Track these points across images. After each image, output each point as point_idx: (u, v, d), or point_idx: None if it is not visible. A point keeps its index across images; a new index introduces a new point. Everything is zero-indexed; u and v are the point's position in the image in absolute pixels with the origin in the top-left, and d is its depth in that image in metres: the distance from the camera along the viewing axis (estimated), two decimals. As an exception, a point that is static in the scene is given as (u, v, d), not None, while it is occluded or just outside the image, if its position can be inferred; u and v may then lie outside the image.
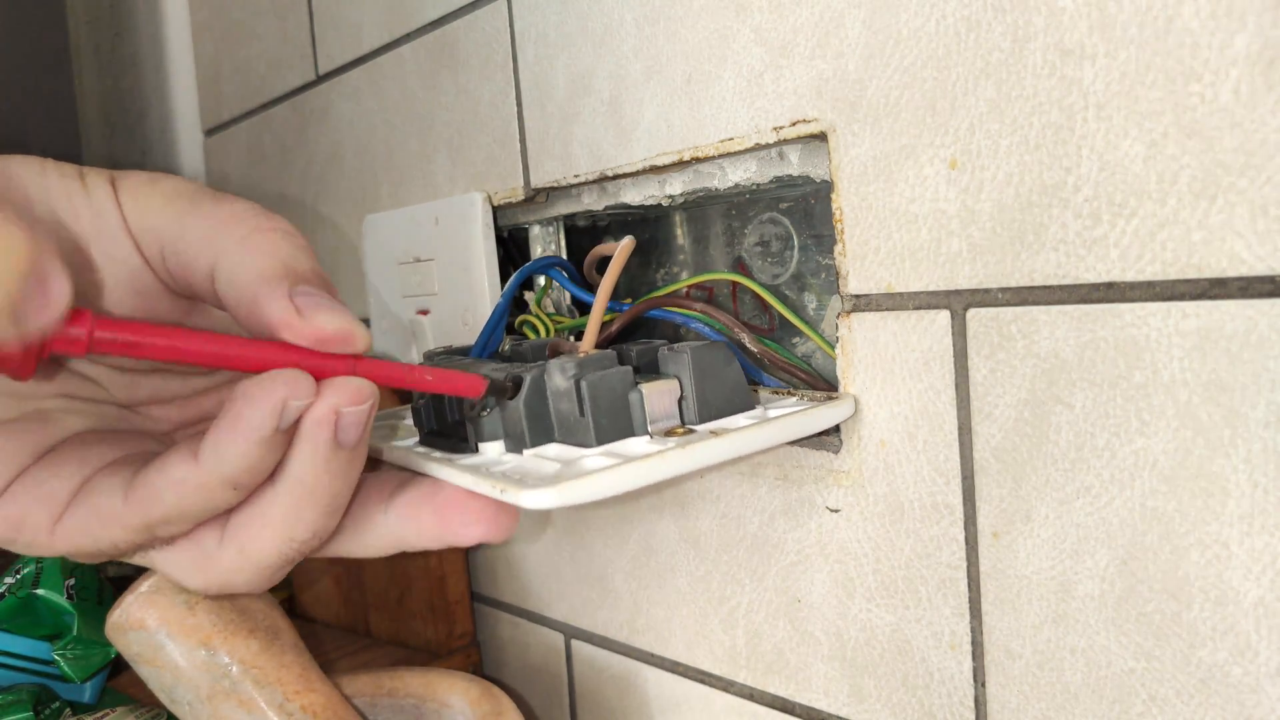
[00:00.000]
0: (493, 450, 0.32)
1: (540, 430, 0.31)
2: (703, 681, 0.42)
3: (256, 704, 0.37)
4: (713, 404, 0.32)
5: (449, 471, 0.29)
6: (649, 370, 0.34)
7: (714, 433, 0.30)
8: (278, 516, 0.25)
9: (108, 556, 0.26)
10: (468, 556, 0.56)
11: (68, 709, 0.47)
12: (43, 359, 0.22)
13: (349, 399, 0.24)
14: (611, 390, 0.31)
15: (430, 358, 0.38)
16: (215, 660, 0.37)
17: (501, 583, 0.54)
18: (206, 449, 0.23)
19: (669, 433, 0.31)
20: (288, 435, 0.23)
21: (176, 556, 0.26)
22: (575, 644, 0.50)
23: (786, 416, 0.32)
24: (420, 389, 0.27)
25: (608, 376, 0.31)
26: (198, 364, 0.23)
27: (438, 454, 0.32)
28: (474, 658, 0.54)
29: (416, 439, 0.36)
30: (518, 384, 0.31)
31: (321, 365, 0.24)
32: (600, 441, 0.30)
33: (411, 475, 0.29)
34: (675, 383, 0.32)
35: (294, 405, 0.23)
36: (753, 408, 0.33)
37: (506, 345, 0.40)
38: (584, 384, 0.30)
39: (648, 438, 0.31)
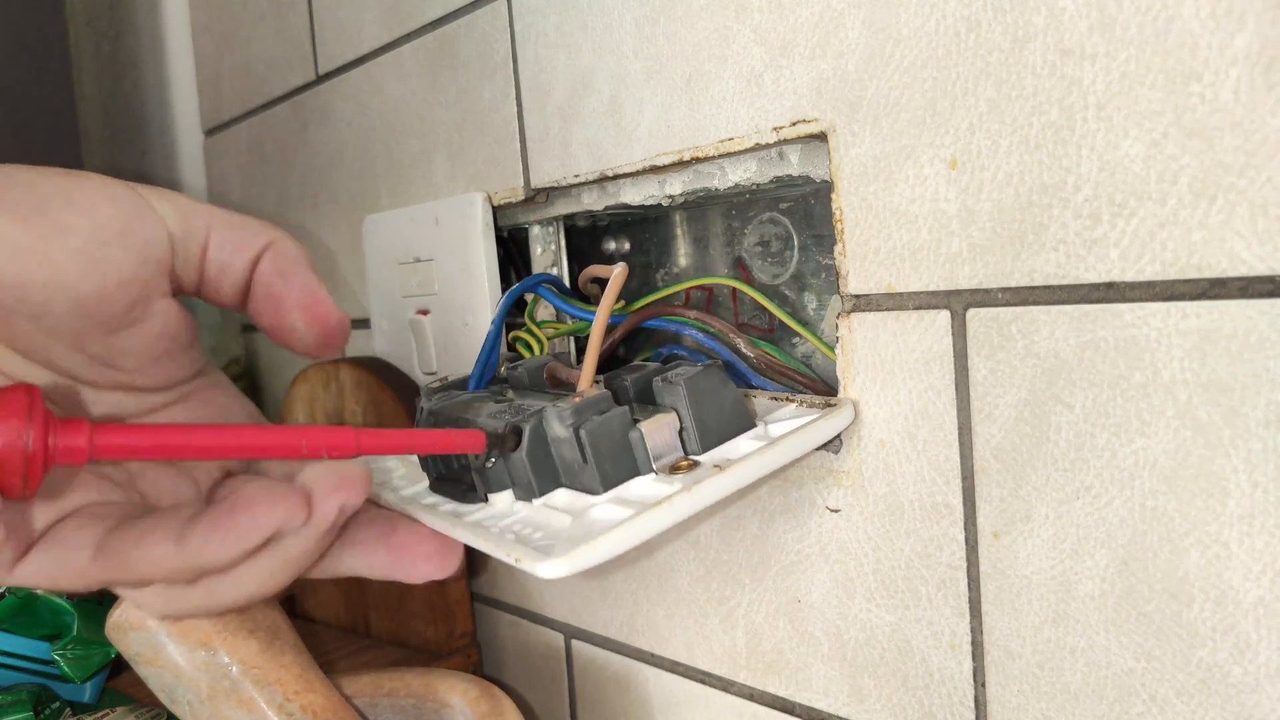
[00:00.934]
0: (502, 501, 0.32)
1: (547, 478, 0.32)
2: (702, 681, 0.42)
3: (256, 704, 0.37)
4: (713, 430, 0.32)
5: (461, 531, 0.29)
6: (647, 396, 0.34)
7: (718, 465, 0.30)
8: (256, 575, 0.25)
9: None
10: (468, 557, 0.56)
11: (68, 709, 0.47)
12: (47, 472, 0.22)
13: (356, 495, 0.25)
14: (611, 434, 0.31)
15: (429, 395, 0.38)
16: (215, 660, 0.37)
17: (501, 583, 0.54)
18: (194, 540, 0.23)
19: (674, 467, 0.31)
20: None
21: (141, 590, 0.26)
22: (575, 644, 0.50)
23: (789, 436, 0.31)
24: (422, 453, 0.27)
25: (606, 421, 0.31)
26: (204, 459, 0.23)
27: (447, 507, 0.32)
28: (474, 658, 0.54)
29: (425, 484, 0.36)
30: (518, 435, 0.31)
31: (323, 443, 0.24)
32: (606, 487, 0.30)
33: (368, 508, 0.30)
34: (673, 415, 0.32)
35: (286, 530, 0.24)
36: (753, 425, 0.33)
37: (503, 369, 0.40)
38: (583, 432, 0.30)
39: (653, 475, 0.31)
